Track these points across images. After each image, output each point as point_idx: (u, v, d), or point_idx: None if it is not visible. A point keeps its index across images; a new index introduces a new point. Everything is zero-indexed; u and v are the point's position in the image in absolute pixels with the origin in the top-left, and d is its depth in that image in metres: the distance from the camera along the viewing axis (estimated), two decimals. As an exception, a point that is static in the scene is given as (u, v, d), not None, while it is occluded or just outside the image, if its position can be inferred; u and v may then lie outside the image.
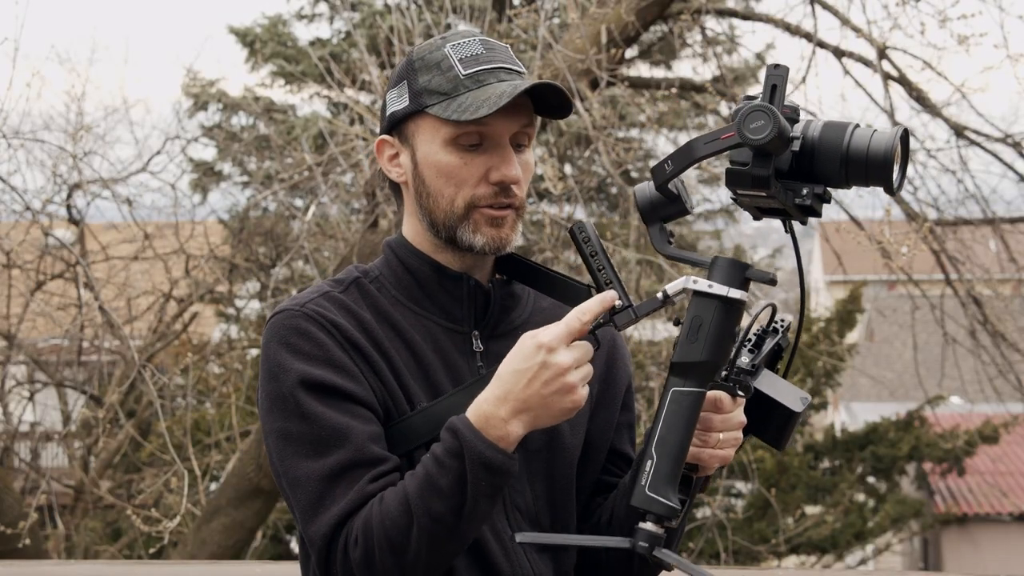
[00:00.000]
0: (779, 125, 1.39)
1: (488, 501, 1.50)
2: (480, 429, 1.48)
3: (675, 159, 1.49)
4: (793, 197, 1.45)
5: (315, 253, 7.88)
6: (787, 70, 1.44)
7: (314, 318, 1.61)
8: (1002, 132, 7.00)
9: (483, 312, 1.70)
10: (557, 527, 1.71)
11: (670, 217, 1.56)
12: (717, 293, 1.49)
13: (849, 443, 12.16)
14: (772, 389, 1.60)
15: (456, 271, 1.68)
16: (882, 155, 1.42)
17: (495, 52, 1.65)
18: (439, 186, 1.64)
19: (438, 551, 1.51)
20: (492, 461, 1.47)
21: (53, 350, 8.28)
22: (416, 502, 1.49)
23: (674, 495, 1.49)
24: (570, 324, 1.48)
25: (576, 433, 1.73)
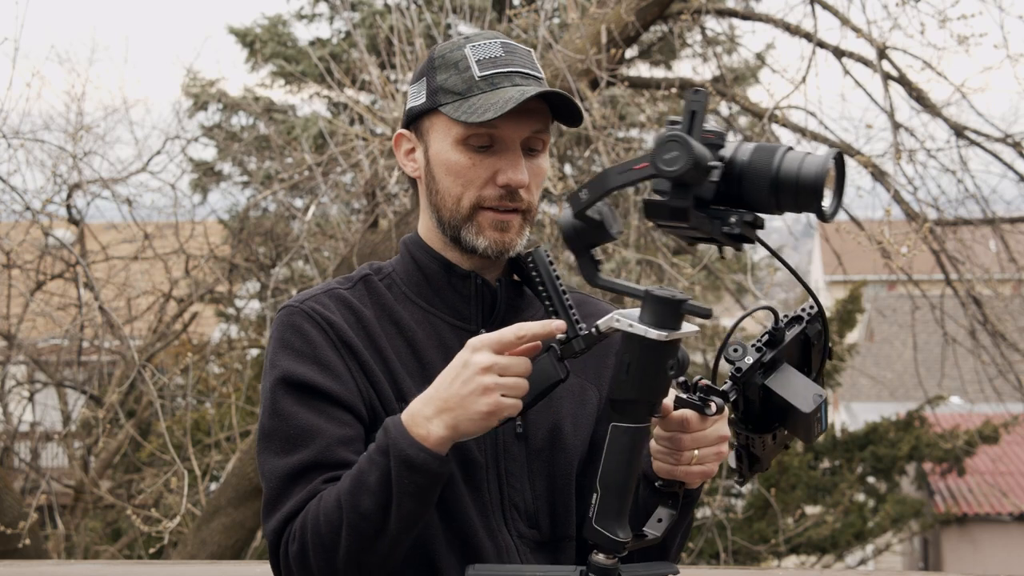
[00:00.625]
0: (693, 156, 1.32)
1: (414, 500, 1.48)
2: (407, 427, 1.48)
3: (590, 188, 1.45)
4: (720, 226, 1.39)
5: (315, 253, 7.88)
6: (706, 95, 1.38)
7: (310, 315, 1.64)
8: (1002, 132, 7.00)
9: (491, 311, 1.70)
10: (556, 526, 1.71)
11: (595, 244, 1.51)
12: (636, 334, 1.45)
13: (849, 443, 12.16)
14: (785, 388, 1.56)
15: (465, 269, 1.69)
16: (812, 180, 1.35)
17: (515, 56, 1.66)
18: (447, 184, 1.66)
19: (367, 550, 1.50)
20: (414, 460, 1.46)
21: (53, 350, 8.28)
22: (346, 498, 1.49)
23: (621, 528, 1.48)
24: (504, 333, 1.46)
25: (579, 434, 1.74)
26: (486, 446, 1.66)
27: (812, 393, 1.56)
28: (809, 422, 1.56)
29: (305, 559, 1.53)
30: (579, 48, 5.80)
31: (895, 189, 6.71)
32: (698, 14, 6.77)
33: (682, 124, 1.37)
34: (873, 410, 15.40)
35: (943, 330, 7.72)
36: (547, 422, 1.70)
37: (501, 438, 1.67)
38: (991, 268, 7.74)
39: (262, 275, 8.35)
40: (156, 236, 8.21)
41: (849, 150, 6.94)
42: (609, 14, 5.79)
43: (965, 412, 14.61)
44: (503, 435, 1.67)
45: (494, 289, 1.71)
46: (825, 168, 1.35)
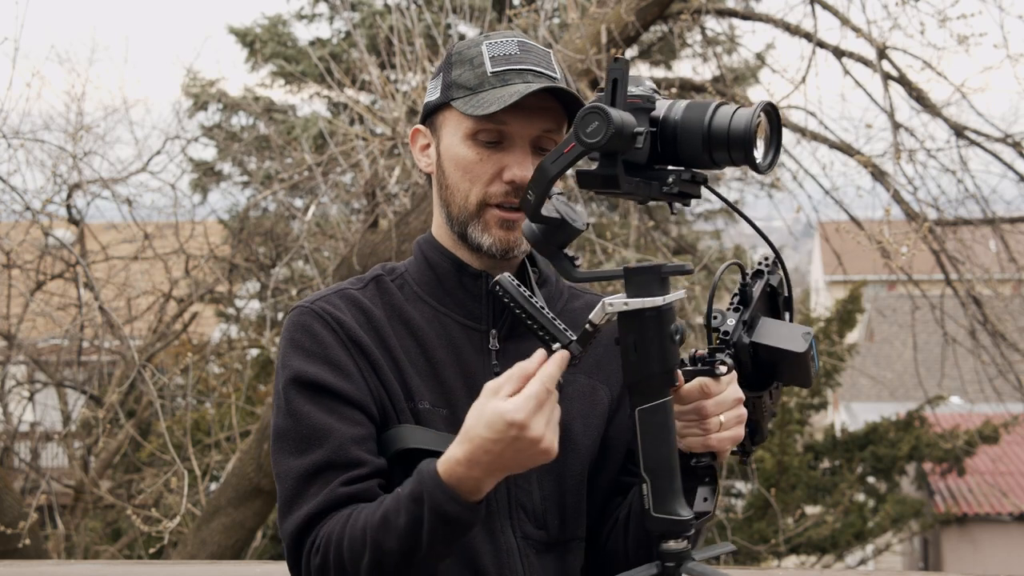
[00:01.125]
0: (613, 124, 1.34)
1: (444, 546, 1.49)
2: (447, 482, 1.46)
3: (534, 187, 1.45)
4: (659, 187, 1.41)
5: (315, 253, 7.88)
6: (627, 62, 1.40)
7: (320, 315, 1.64)
8: (1002, 132, 7.00)
9: (501, 311, 1.70)
10: (565, 527, 1.70)
11: (565, 242, 1.50)
12: (634, 308, 1.45)
13: (849, 443, 12.16)
14: (772, 337, 1.57)
15: (476, 269, 1.69)
16: (742, 132, 1.37)
17: (530, 54, 1.66)
18: (456, 179, 1.66)
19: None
20: (450, 514, 1.46)
21: (53, 350, 8.28)
22: (372, 533, 1.50)
23: (681, 507, 1.47)
24: (539, 396, 1.43)
25: (589, 434, 1.73)
26: None
27: (800, 333, 1.58)
28: (805, 361, 1.57)
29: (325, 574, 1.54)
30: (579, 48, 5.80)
31: (895, 189, 6.70)
32: (698, 14, 6.77)
33: (605, 93, 1.39)
34: (873, 410, 15.41)
35: (943, 330, 7.72)
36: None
37: None
38: (991, 268, 7.74)
39: (262, 275, 8.35)
40: (156, 236, 8.21)
41: (849, 150, 6.94)
42: (609, 14, 5.79)
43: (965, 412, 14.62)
44: None
45: None
46: (754, 120, 1.37)
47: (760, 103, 1.40)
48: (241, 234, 8.76)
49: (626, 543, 1.73)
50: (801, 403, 11.67)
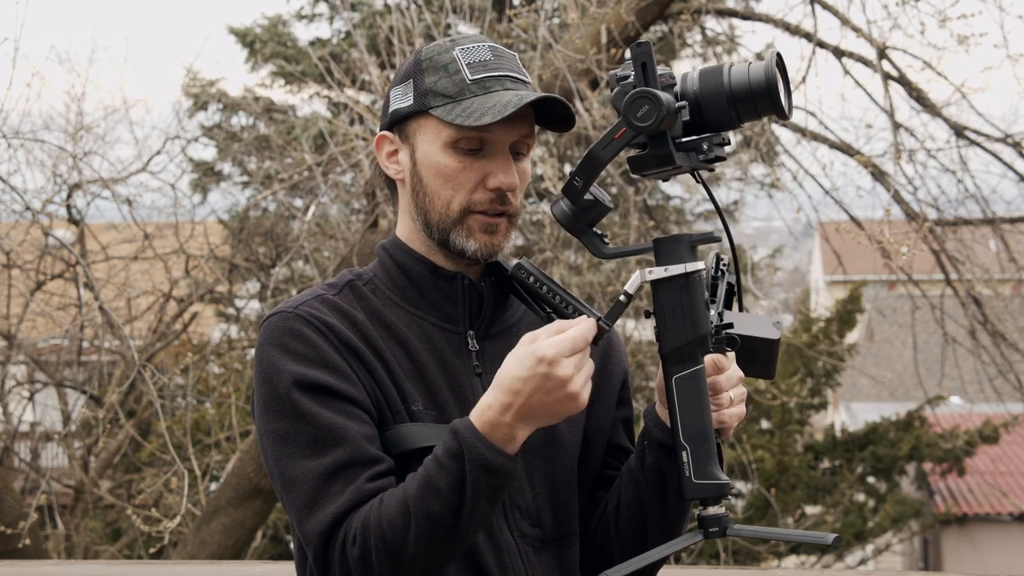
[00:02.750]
0: (663, 107, 1.40)
1: (488, 502, 1.50)
2: (483, 432, 1.49)
3: (582, 173, 1.51)
4: (697, 156, 1.47)
5: (315, 253, 7.88)
6: (649, 45, 1.45)
7: (308, 320, 1.62)
8: (1002, 132, 7.00)
9: (477, 312, 1.70)
10: (559, 524, 1.71)
11: (595, 220, 1.56)
12: (675, 274, 1.50)
13: (849, 443, 12.17)
14: (745, 327, 1.62)
15: (451, 271, 1.69)
16: (764, 82, 1.43)
17: (503, 60, 1.66)
18: (436, 187, 1.65)
19: (436, 551, 1.51)
20: (492, 463, 1.48)
21: (53, 350, 8.28)
22: (415, 503, 1.49)
23: (720, 471, 1.51)
24: (574, 340, 1.48)
25: (574, 429, 1.74)
26: None
27: (770, 323, 1.65)
28: (776, 350, 1.64)
29: (367, 562, 1.51)
30: (579, 48, 5.80)
31: (895, 189, 6.70)
32: (698, 14, 6.77)
33: (636, 78, 1.44)
34: (873, 410, 15.41)
35: (943, 330, 7.72)
36: None
37: None
38: (991, 268, 7.74)
39: (262, 275, 8.35)
40: (156, 236, 8.21)
41: (849, 150, 6.94)
42: (609, 14, 5.79)
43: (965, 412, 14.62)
44: None
45: (480, 290, 1.70)
46: (771, 69, 1.43)
47: (772, 52, 1.46)
48: (241, 234, 8.76)
49: (618, 536, 1.73)
50: (801, 403, 11.67)
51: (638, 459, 1.70)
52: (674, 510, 1.67)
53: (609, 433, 1.80)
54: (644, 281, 1.52)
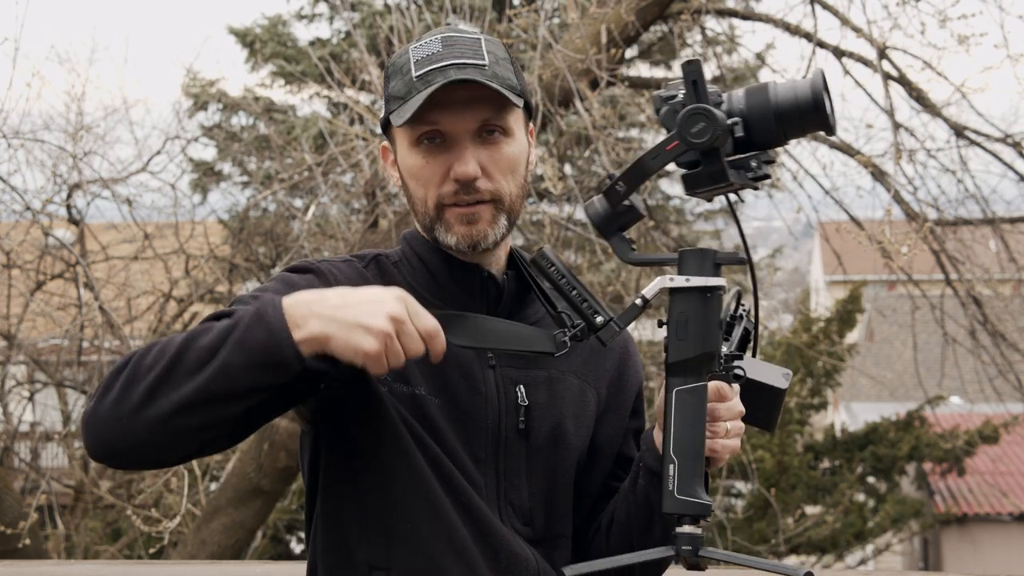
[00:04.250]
0: (719, 123, 1.40)
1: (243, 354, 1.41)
2: (283, 303, 1.43)
3: (627, 179, 1.51)
4: (746, 174, 1.47)
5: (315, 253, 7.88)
6: (700, 63, 1.45)
7: (324, 273, 1.65)
8: (1002, 132, 7.00)
9: (496, 304, 1.70)
10: (550, 526, 1.70)
11: (626, 225, 1.56)
12: (696, 286, 1.50)
13: (849, 443, 12.17)
14: (754, 372, 1.62)
15: (469, 263, 1.69)
16: (812, 98, 1.44)
17: (453, 48, 1.63)
18: (413, 187, 1.67)
19: (169, 385, 1.42)
20: (267, 316, 1.42)
21: (53, 350, 8.28)
22: (189, 334, 1.45)
23: (704, 492, 1.49)
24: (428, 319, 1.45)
25: (580, 434, 1.73)
26: (488, 440, 1.66)
27: (780, 373, 1.64)
28: (781, 400, 1.63)
29: (119, 372, 1.44)
30: (579, 48, 5.80)
31: (895, 189, 6.70)
32: (698, 14, 6.77)
33: (687, 95, 1.43)
34: (873, 410, 15.41)
35: (943, 330, 7.72)
36: (550, 420, 1.70)
37: (503, 434, 1.67)
38: (991, 268, 7.74)
39: (262, 275, 8.35)
40: (156, 236, 8.21)
41: (849, 150, 6.94)
42: (609, 14, 5.79)
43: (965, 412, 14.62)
44: (505, 431, 1.67)
45: (499, 282, 1.70)
46: (818, 86, 1.44)
47: (818, 70, 1.46)
48: (241, 234, 8.76)
49: (608, 552, 1.72)
50: (801, 403, 11.68)
51: (631, 480, 1.70)
52: (658, 536, 1.65)
53: (620, 444, 1.79)
54: (664, 287, 1.51)
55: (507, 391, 1.68)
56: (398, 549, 1.60)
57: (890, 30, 6.60)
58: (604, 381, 1.78)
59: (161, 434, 1.42)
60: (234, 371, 1.41)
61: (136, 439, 1.42)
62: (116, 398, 1.42)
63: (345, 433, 1.63)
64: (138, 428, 1.41)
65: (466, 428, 1.64)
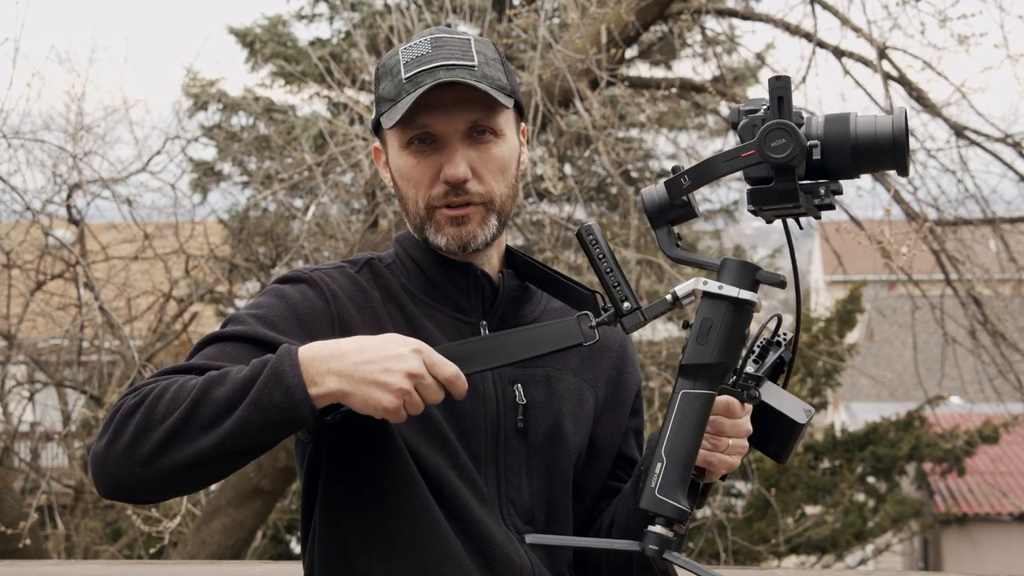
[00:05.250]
0: (800, 142, 1.39)
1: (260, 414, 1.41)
2: (301, 358, 1.44)
3: (693, 175, 1.50)
4: (812, 199, 1.46)
5: (315, 253, 7.88)
6: (789, 80, 1.44)
7: (317, 283, 1.65)
8: (1002, 132, 7.00)
9: (491, 303, 1.70)
10: (551, 524, 1.70)
11: (677, 220, 1.55)
12: (728, 295, 1.48)
13: (849, 443, 12.16)
14: (776, 400, 1.61)
15: (462, 262, 1.69)
16: (890, 139, 1.42)
17: (443, 49, 1.63)
18: (404, 189, 1.67)
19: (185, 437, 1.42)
20: (284, 376, 1.41)
21: (53, 350, 8.27)
22: (204, 381, 1.45)
23: (684, 498, 1.48)
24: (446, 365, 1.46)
25: (579, 433, 1.73)
26: (486, 440, 1.66)
27: (802, 407, 1.62)
28: (798, 434, 1.61)
29: (131, 415, 1.45)
30: (579, 48, 5.80)
31: (895, 189, 6.71)
32: (698, 14, 6.77)
33: (770, 110, 1.42)
34: (873, 410, 15.40)
35: (943, 330, 7.72)
36: (548, 419, 1.70)
37: (502, 433, 1.67)
38: (991, 268, 7.74)
39: (262, 275, 8.35)
40: (156, 236, 8.20)
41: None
42: (609, 14, 5.79)
43: (965, 412, 14.62)
44: (504, 430, 1.67)
45: (494, 282, 1.70)
46: (900, 126, 1.42)
47: (900, 110, 1.44)
48: (241, 234, 8.76)
49: (607, 554, 1.73)
50: (801, 403, 11.65)
51: (633, 483, 1.70)
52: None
53: (620, 443, 1.79)
54: (695, 290, 1.51)
55: (505, 390, 1.68)
56: (396, 561, 1.61)
57: (890, 30, 6.60)
58: (602, 380, 1.77)
59: (173, 482, 1.46)
60: (251, 431, 1.42)
61: (148, 486, 1.45)
62: (128, 444, 1.44)
63: (346, 446, 1.63)
64: (151, 476, 1.44)
65: (465, 428, 1.64)
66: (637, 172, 11.11)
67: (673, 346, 7.53)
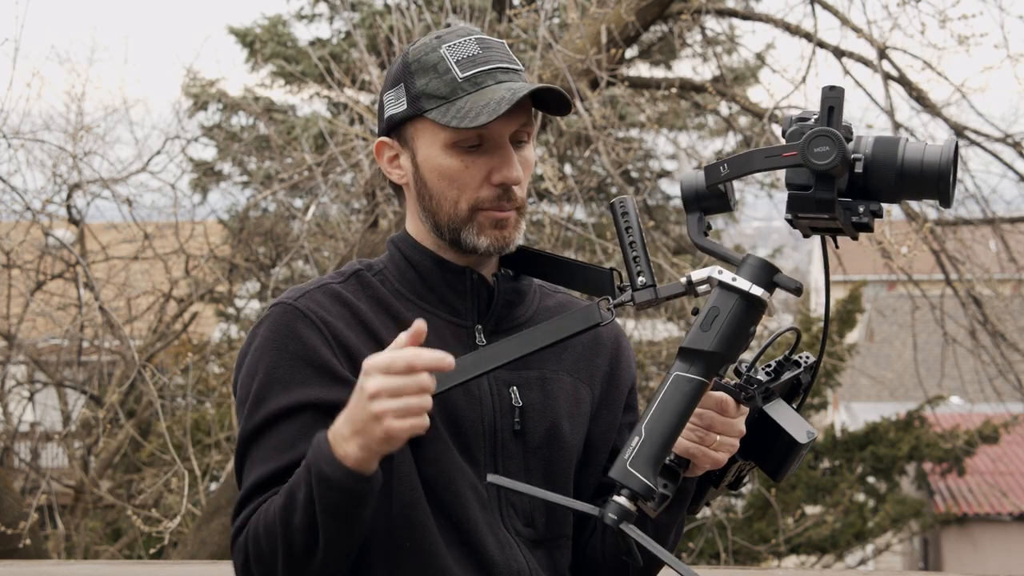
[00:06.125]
0: (844, 151, 1.39)
1: (336, 522, 1.47)
2: (330, 443, 1.47)
3: (732, 165, 1.49)
4: (850, 216, 1.45)
5: (315, 253, 7.88)
6: (843, 91, 1.43)
7: (305, 314, 1.62)
8: (1002, 132, 7.00)
9: (486, 306, 1.69)
10: (551, 525, 1.70)
11: (711, 210, 1.55)
12: (739, 287, 1.48)
13: (849, 443, 12.16)
14: (780, 417, 1.61)
15: (459, 265, 1.68)
16: (936, 168, 1.41)
17: (492, 51, 1.64)
18: (441, 189, 1.64)
19: (301, 567, 1.51)
20: (330, 477, 1.45)
21: (53, 350, 8.28)
22: (279, 515, 1.50)
23: (654, 476, 1.46)
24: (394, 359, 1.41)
25: (576, 432, 1.73)
26: (484, 443, 1.65)
27: (806, 428, 1.63)
28: (796, 454, 1.62)
29: (248, 570, 1.56)
30: (579, 48, 5.80)
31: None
32: (698, 14, 6.77)
33: (821, 118, 1.42)
34: (873, 410, 15.40)
35: (943, 330, 7.72)
36: (545, 420, 1.69)
37: (499, 436, 1.67)
38: (991, 268, 7.74)
39: (262, 275, 8.35)
40: (156, 236, 8.21)
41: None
42: (609, 14, 5.79)
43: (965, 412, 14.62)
44: (501, 433, 1.67)
45: (490, 284, 1.70)
46: (947, 156, 1.41)
47: (950, 141, 1.43)
48: (241, 234, 8.76)
49: (603, 553, 1.74)
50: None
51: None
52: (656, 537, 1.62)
53: (614, 439, 1.79)
54: (710, 277, 1.51)
55: (500, 393, 1.67)
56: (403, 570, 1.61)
57: (890, 30, 6.60)
58: (597, 377, 1.77)
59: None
60: (341, 531, 1.49)
61: None
62: None
63: None
64: None
65: (462, 432, 1.64)
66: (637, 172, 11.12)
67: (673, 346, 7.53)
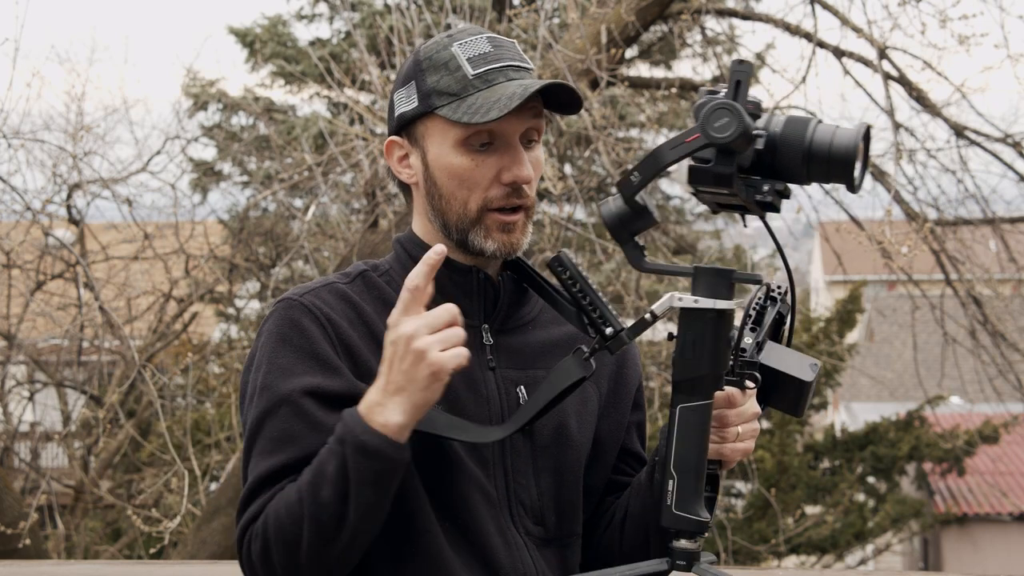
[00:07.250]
0: (743, 123, 1.36)
1: (372, 490, 1.47)
2: (363, 415, 1.47)
3: (642, 169, 1.46)
4: (753, 193, 1.43)
5: (315, 253, 7.88)
6: (751, 66, 1.41)
7: (310, 310, 1.62)
8: (1002, 132, 7.00)
9: (492, 306, 1.70)
10: (562, 524, 1.70)
11: (639, 230, 1.51)
12: (703, 308, 1.47)
13: (849, 443, 12.17)
14: (780, 362, 1.60)
15: (465, 264, 1.68)
16: (844, 152, 1.39)
17: (503, 50, 1.64)
18: (451, 188, 1.64)
19: (329, 542, 1.49)
20: (368, 445, 1.45)
21: (53, 350, 8.28)
22: (306, 490, 1.49)
23: (702, 508, 1.49)
24: (402, 297, 1.47)
25: (584, 430, 1.74)
26: (492, 443, 1.65)
27: (807, 363, 1.61)
28: (808, 390, 1.60)
29: (268, 556, 1.51)
30: (579, 48, 5.80)
31: (895, 189, 6.71)
32: (698, 14, 6.77)
33: (728, 92, 1.40)
34: (873, 410, 15.41)
35: (943, 330, 7.72)
36: (553, 419, 1.69)
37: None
38: (991, 268, 7.74)
39: (262, 275, 8.35)
40: (156, 236, 8.20)
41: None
42: (609, 14, 5.79)
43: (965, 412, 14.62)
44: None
45: (496, 284, 1.70)
46: (856, 141, 1.39)
47: (860, 126, 1.41)
48: (241, 234, 8.76)
49: (621, 545, 1.73)
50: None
51: (648, 475, 1.70)
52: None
53: (623, 438, 1.80)
54: (670, 308, 1.49)
55: (508, 392, 1.67)
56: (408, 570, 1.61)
57: (890, 30, 6.60)
58: (604, 377, 1.78)
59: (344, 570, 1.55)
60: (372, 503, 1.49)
61: None
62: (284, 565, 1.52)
63: None
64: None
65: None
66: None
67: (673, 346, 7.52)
